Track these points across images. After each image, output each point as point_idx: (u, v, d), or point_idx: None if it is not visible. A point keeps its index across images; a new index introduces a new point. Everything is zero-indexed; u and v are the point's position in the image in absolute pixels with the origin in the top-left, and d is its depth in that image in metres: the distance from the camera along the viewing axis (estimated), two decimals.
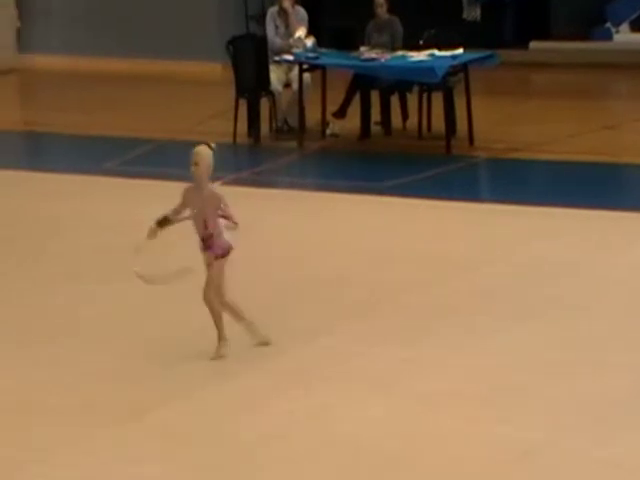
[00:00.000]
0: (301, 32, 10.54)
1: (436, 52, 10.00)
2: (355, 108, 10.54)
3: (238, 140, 10.30)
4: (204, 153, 5.57)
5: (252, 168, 9.88)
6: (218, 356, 5.88)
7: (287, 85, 10.46)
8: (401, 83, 10.35)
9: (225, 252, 5.72)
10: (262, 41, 10.68)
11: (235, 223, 5.75)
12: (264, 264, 7.33)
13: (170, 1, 14.26)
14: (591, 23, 13.87)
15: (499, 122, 10.93)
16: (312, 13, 11.20)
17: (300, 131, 10.34)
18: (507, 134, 10.46)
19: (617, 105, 12.51)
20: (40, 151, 11.39)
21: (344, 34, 11.73)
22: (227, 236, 5.68)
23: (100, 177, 9.43)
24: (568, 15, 13.92)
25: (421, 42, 10.36)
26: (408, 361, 6.07)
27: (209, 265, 5.76)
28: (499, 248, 7.51)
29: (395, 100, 10.64)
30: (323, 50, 10.57)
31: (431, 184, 9.01)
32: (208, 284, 5.82)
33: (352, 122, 10.43)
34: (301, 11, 10.73)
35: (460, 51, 10.02)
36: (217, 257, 5.75)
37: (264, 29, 10.88)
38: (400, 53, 10.11)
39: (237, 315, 5.94)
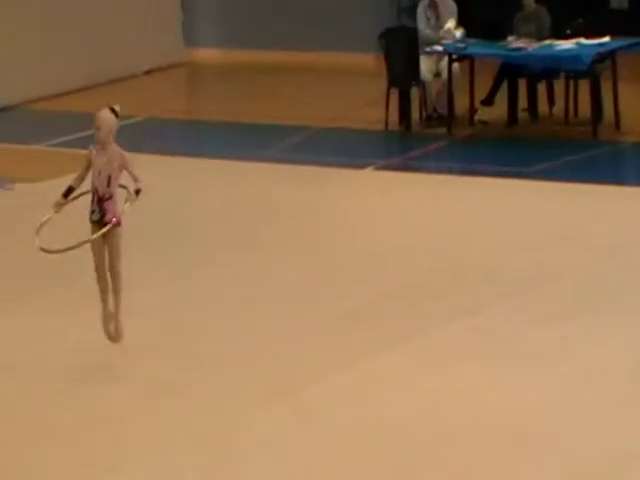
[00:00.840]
0: (451, 24, 10.67)
1: (583, 40, 10.20)
2: (503, 96, 10.51)
3: (390, 127, 10.51)
4: (104, 117, 5.65)
5: (403, 154, 10.22)
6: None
7: (437, 75, 10.61)
8: (548, 71, 10.50)
9: (119, 220, 5.69)
10: (413, 33, 10.86)
11: (139, 187, 5.67)
12: (421, 248, 7.62)
13: None
14: None
15: None
16: (462, 5, 11.21)
17: (449, 119, 10.50)
18: None
19: None
20: (205, 138, 11.55)
21: (492, 25, 11.51)
22: (121, 207, 5.71)
23: (278, 164, 9.82)
24: None
25: (568, 31, 10.20)
26: (566, 340, 6.08)
27: (110, 235, 5.73)
28: None
29: (542, 88, 10.53)
30: (472, 41, 10.63)
31: (578, 168, 9.11)
32: (117, 254, 5.79)
33: (500, 109, 10.58)
34: (450, 3, 10.78)
35: (607, 39, 10.02)
36: (115, 225, 5.74)
37: (415, 21, 10.98)
38: (547, 42, 10.21)
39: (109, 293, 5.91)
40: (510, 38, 10.35)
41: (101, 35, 13.53)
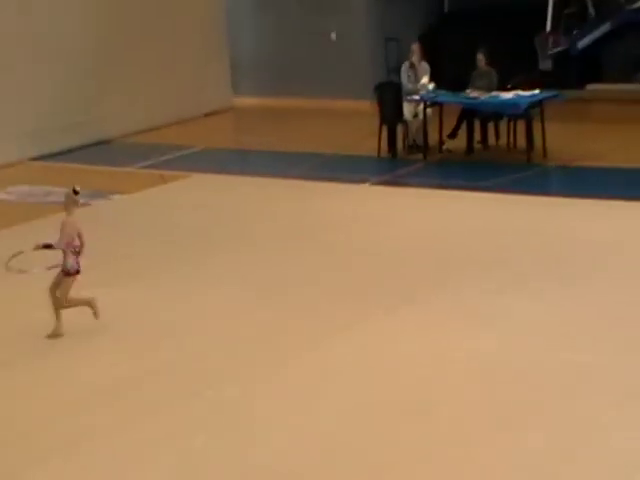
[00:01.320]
0: (425, 80, 11.32)
1: (520, 92, 10.81)
2: (463, 132, 11.30)
3: (382, 154, 11.27)
4: (66, 196, 6.32)
5: (391, 173, 10.86)
6: (54, 335, 6.29)
7: (415, 116, 11.30)
8: (495, 114, 11.17)
9: (71, 271, 6.23)
10: (398, 86, 11.50)
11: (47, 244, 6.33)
12: (407, 240, 8.30)
13: (332, 54, 14.76)
14: (635, 69, 13.93)
15: (566, 140, 11.40)
16: (434, 65, 11.67)
17: (425, 148, 11.09)
18: (572, 149, 11.08)
19: None
20: (248, 161, 12.53)
21: (456, 80, 11.66)
22: (71, 260, 6.21)
23: (301, 181, 10.52)
24: (617, 63, 14.02)
25: (509, 86, 10.95)
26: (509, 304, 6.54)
27: (59, 283, 6.21)
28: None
29: (491, 126, 11.34)
30: (441, 91, 11.32)
31: (518, 184, 9.83)
32: (61, 294, 6.22)
33: (461, 141, 11.25)
34: (425, 65, 11.44)
35: (537, 91, 10.79)
36: (66, 274, 6.24)
37: (399, 77, 11.63)
38: (495, 93, 10.91)
39: (70, 305, 6.25)
40: (468, 90, 10.99)
41: (174, 87, 14.33)
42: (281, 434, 5.15)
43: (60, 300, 6.28)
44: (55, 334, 6.29)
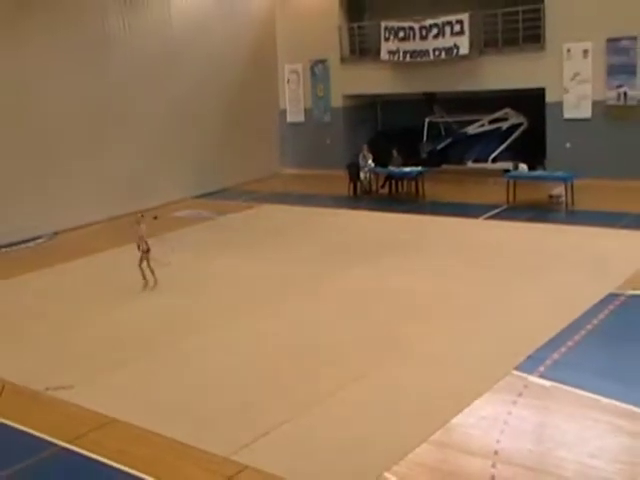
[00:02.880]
0: (370, 161, 17.43)
1: (413, 168, 16.98)
2: (386, 185, 16.94)
3: (350, 194, 17.10)
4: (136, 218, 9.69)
5: (355, 204, 16.41)
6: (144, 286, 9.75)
7: (365, 177, 17.32)
8: (401, 177, 17.04)
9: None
10: (357, 164, 17.46)
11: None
12: (370, 237, 13.09)
13: (329, 149, 20.60)
14: (462, 159, 19.20)
15: (433, 190, 16.90)
16: (374, 155, 17.43)
17: (369, 192, 17.01)
18: (435, 193, 16.69)
19: None
20: (290, 200, 17.31)
21: (383, 162, 17.36)
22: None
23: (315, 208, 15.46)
24: (455, 155, 19.60)
25: (407, 164, 17.18)
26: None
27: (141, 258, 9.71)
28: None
29: (400, 183, 16.97)
30: (377, 167, 17.22)
31: (410, 209, 15.20)
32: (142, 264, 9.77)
33: (386, 189, 17.16)
34: (369, 154, 17.27)
35: (420, 167, 17.06)
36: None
37: (358, 160, 17.58)
38: (400, 168, 17.04)
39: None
40: (390, 166, 17.17)
41: (239, 159, 19.75)
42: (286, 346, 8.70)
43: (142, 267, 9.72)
44: (144, 286, 9.91)
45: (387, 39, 19.09)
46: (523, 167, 16.43)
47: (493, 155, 18.86)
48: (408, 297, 9.79)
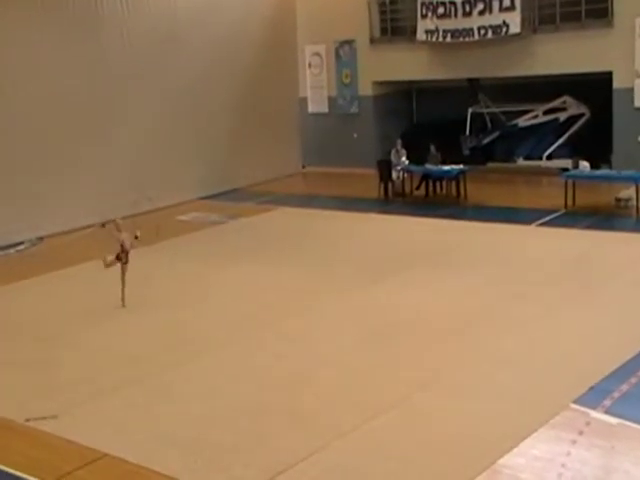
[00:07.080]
0: (403, 158, 17.61)
1: (453, 166, 17.04)
2: (423, 186, 17.14)
3: (381, 197, 17.33)
4: (115, 223, 10.16)
5: (386, 208, 16.65)
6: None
7: (398, 177, 17.44)
8: (440, 177, 17.21)
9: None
10: (389, 161, 17.69)
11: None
12: (399, 241, 13.40)
13: (356, 145, 20.91)
14: (511, 155, 19.22)
15: (477, 191, 17.05)
16: (408, 151, 17.71)
17: (403, 194, 17.16)
18: (482, 196, 16.78)
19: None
20: (312, 202, 17.92)
21: (419, 159, 17.57)
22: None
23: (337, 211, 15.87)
24: (502, 152, 19.80)
25: (447, 162, 17.22)
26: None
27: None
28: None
29: (439, 183, 17.18)
30: (411, 165, 17.36)
31: (451, 215, 15.35)
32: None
33: (422, 191, 17.39)
34: (403, 150, 17.57)
35: (461, 165, 17.10)
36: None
37: (390, 156, 17.82)
38: (440, 166, 17.12)
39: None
40: (427, 165, 17.23)
41: (252, 155, 19.94)
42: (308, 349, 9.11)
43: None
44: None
45: (424, 16, 19.19)
46: (584, 165, 16.34)
47: (548, 151, 18.89)
48: (444, 317, 9.79)
